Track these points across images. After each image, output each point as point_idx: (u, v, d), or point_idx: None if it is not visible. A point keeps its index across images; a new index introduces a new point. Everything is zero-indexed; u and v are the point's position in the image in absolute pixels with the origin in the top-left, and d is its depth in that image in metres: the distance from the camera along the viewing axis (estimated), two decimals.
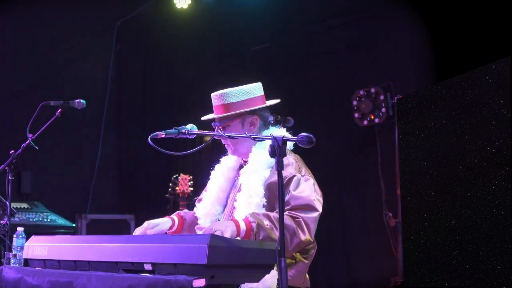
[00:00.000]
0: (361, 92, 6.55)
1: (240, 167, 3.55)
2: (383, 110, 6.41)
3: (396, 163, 6.04)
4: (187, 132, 3.14)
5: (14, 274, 3.09)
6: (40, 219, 6.22)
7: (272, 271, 2.85)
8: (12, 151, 3.97)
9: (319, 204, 3.27)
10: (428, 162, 3.40)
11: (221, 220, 3.49)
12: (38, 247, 3.14)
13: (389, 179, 6.35)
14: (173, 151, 3.35)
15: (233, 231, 3.05)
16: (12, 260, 3.33)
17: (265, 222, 3.10)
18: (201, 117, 3.58)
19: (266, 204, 3.26)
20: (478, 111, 3.10)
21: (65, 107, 4.10)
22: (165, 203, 6.23)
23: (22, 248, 3.27)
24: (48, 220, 6.28)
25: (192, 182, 5.72)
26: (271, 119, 3.51)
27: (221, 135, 3.30)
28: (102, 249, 2.87)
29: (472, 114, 3.13)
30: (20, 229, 3.40)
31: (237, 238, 3.06)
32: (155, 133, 3.09)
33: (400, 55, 6.33)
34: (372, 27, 6.61)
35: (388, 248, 6.30)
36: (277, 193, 3.18)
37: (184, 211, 3.75)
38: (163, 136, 3.11)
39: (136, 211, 7.34)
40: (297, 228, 3.14)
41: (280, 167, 2.70)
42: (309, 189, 3.26)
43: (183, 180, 5.70)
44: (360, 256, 6.66)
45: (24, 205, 6.43)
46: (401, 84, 6.33)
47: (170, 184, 5.88)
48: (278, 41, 7.29)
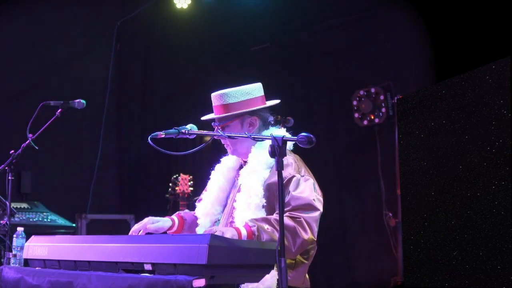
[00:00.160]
0: (361, 92, 6.55)
1: (240, 167, 3.55)
2: (383, 110, 6.41)
3: (396, 163, 6.03)
4: (187, 132, 3.14)
5: (14, 274, 3.09)
6: (40, 219, 6.22)
7: (272, 271, 2.85)
8: (12, 151, 3.96)
9: (319, 203, 3.27)
10: (428, 162, 3.40)
11: (220, 220, 3.49)
12: (38, 247, 3.14)
13: (389, 179, 6.35)
14: (173, 151, 3.36)
15: (234, 235, 3.05)
16: (12, 260, 3.33)
17: (265, 226, 3.10)
18: (201, 117, 3.59)
19: (265, 204, 3.26)
20: (478, 111, 3.10)
21: (65, 107, 4.10)
22: (165, 203, 6.23)
23: (22, 248, 3.27)
24: (48, 220, 6.28)
25: (192, 182, 5.72)
26: (271, 119, 3.51)
27: (221, 135, 3.30)
28: (102, 249, 2.87)
29: (472, 114, 3.13)
30: (20, 229, 3.40)
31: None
32: (155, 133, 3.09)
33: (400, 55, 6.32)
34: (372, 27, 6.60)
35: (388, 248, 6.30)
36: (276, 194, 3.19)
37: (185, 211, 3.75)
38: (163, 136, 3.11)
39: (136, 211, 7.33)
40: (298, 228, 3.13)
41: (280, 167, 2.70)
42: (309, 189, 3.26)
43: (183, 180, 5.70)
44: (360, 256, 6.65)
45: (24, 205, 6.43)
46: (401, 84, 6.32)
47: (170, 184, 5.88)
48: (278, 41, 7.28)
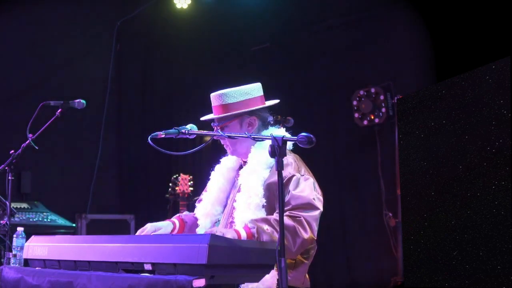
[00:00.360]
0: (361, 92, 6.55)
1: (240, 167, 3.55)
2: (383, 110, 6.41)
3: (396, 163, 6.03)
4: (187, 132, 3.14)
5: (14, 274, 3.09)
6: (40, 219, 6.22)
7: (272, 271, 2.85)
8: (12, 151, 3.96)
9: (319, 202, 3.27)
10: (428, 162, 3.40)
11: (220, 221, 3.50)
12: (38, 247, 3.14)
13: (389, 179, 6.35)
14: (173, 151, 3.36)
15: (234, 236, 3.05)
16: (12, 260, 3.33)
17: (265, 227, 3.10)
18: (201, 117, 3.59)
19: (265, 204, 3.26)
20: (478, 111, 3.10)
21: (65, 107, 4.10)
22: (165, 203, 6.23)
23: (22, 248, 3.27)
24: (48, 220, 6.28)
25: (192, 182, 5.72)
26: (270, 119, 3.51)
27: (221, 135, 3.30)
28: (102, 249, 2.87)
29: (472, 114, 3.13)
30: (20, 229, 3.40)
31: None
32: (155, 133, 3.09)
33: (400, 55, 6.32)
34: (372, 27, 6.60)
35: (388, 248, 6.30)
36: (276, 193, 3.19)
37: (185, 213, 3.75)
38: (163, 136, 3.11)
39: (136, 211, 7.34)
40: (298, 227, 3.13)
41: (280, 167, 2.70)
42: (309, 188, 3.26)
43: (183, 180, 5.70)
44: (360, 256, 6.65)
45: (24, 205, 6.43)
46: (401, 84, 6.32)
47: (170, 184, 5.88)
48: (278, 41, 7.28)
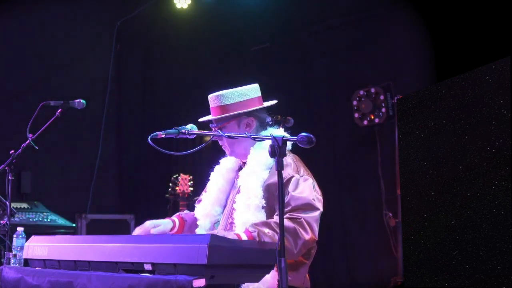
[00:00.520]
0: (361, 92, 6.54)
1: (239, 168, 3.55)
2: (383, 110, 6.40)
3: (396, 163, 6.03)
4: (187, 132, 3.14)
5: (14, 274, 3.09)
6: (40, 219, 6.22)
7: (272, 271, 2.85)
8: (12, 151, 3.96)
9: (319, 203, 3.27)
10: (428, 162, 3.40)
11: (220, 221, 3.50)
12: (38, 247, 3.14)
13: (389, 179, 6.35)
14: (173, 151, 3.36)
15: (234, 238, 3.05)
16: (12, 260, 3.33)
17: (266, 230, 3.10)
18: (200, 118, 3.59)
19: (265, 205, 3.26)
20: (478, 111, 3.10)
21: (65, 107, 4.10)
22: (165, 203, 6.23)
23: (22, 248, 3.27)
24: (48, 220, 6.28)
25: (192, 182, 5.72)
26: (268, 120, 3.51)
27: (222, 134, 3.30)
28: (102, 249, 2.87)
29: (472, 114, 3.13)
30: (20, 229, 3.40)
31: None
32: (155, 133, 3.09)
33: (400, 55, 6.32)
34: (372, 27, 6.60)
35: (388, 248, 6.30)
36: (276, 194, 3.20)
37: (185, 212, 3.75)
38: (163, 136, 3.11)
39: (136, 211, 7.34)
40: (299, 229, 3.13)
41: (280, 167, 2.70)
42: (308, 189, 3.26)
43: (183, 180, 5.70)
44: (360, 256, 6.65)
45: (24, 205, 6.43)
46: (401, 84, 6.32)
47: (170, 184, 5.88)
48: (278, 41, 7.28)
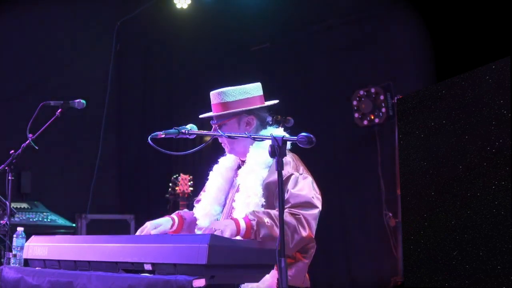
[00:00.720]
0: (361, 92, 6.54)
1: (238, 167, 3.54)
2: (383, 110, 6.40)
3: (396, 163, 6.03)
4: (187, 132, 3.15)
5: (14, 274, 3.09)
6: (40, 219, 6.22)
7: (272, 271, 2.85)
8: (12, 151, 3.97)
9: (318, 201, 3.28)
10: (428, 162, 3.39)
11: (219, 220, 3.49)
12: (38, 247, 3.14)
13: (389, 179, 6.35)
14: (173, 151, 3.36)
15: (233, 230, 3.05)
16: (12, 260, 3.33)
17: (266, 220, 3.10)
18: (199, 116, 3.59)
19: (265, 204, 3.26)
20: (478, 111, 3.10)
21: (65, 107, 4.10)
22: (165, 203, 6.23)
23: (22, 248, 3.27)
24: (48, 220, 6.28)
25: (192, 182, 5.71)
26: (269, 119, 3.51)
27: (222, 134, 3.30)
28: (102, 249, 2.87)
29: (472, 114, 3.13)
30: (20, 229, 3.40)
31: (238, 237, 3.06)
32: (155, 133, 3.09)
33: (400, 55, 6.32)
34: (372, 27, 6.60)
35: (388, 248, 6.30)
36: (276, 192, 3.21)
37: (184, 210, 3.76)
38: (163, 136, 3.11)
39: (136, 211, 7.34)
40: (297, 225, 3.14)
41: (280, 167, 2.70)
42: (307, 187, 3.27)
43: (183, 180, 5.69)
44: (360, 256, 6.65)
45: (24, 205, 6.43)
46: (401, 84, 6.32)
47: (170, 184, 5.87)
48: (278, 41, 7.28)
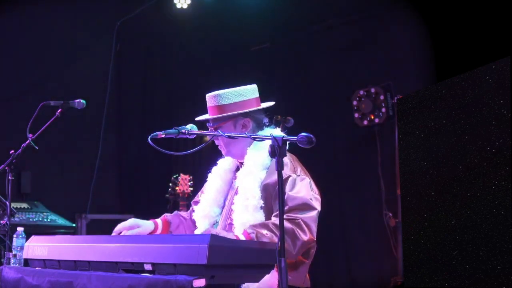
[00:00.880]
0: (361, 92, 6.55)
1: (237, 169, 3.54)
2: (383, 110, 6.41)
3: (396, 163, 6.03)
4: (187, 132, 3.15)
5: (14, 274, 3.09)
6: (40, 219, 6.22)
7: (272, 271, 2.85)
8: (12, 151, 3.96)
9: (316, 202, 3.27)
10: (428, 162, 3.39)
11: (219, 222, 3.49)
12: (38, 247, 3.14)
13: (389, 179, 6.35)
14: (173, 151, 3.36)
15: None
16: (12, 260, 3.33)
17: (264, 232, 3.09)
18: (196, 118, 3.59)
19: (263, 205, 3.26)
20: (478, 111, 3.10)
21: (65, 107, 4.10)
22: (165, 203, 6.23)
23: (22, 248, 3.27)
24: (48, 220, 6.28)
25: (192, 182, 5.71)
26: (265, 121, 3.51)
27: (222, 134, 3.30)
28: (102, 249, 2.87)
29: (472, 114, 3.13)
30: (20, 229, 3.40)
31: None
32: (155, 133, 3.09)
33: (400, 55, 6.33)
34: (372, 27, 6.60)
35: (388, 248, 6.30)
36: (273, 194, 3.21)
37: (174, 213, 3.72)
38: (163, 136, 3.11)
39: (136, 211, 7.32)
40: (297, 230, 3.13)
41: (280, 167, 2.70)
42: (305, 189, 3.26)
43: (183, 180, 5.69)
44: (360, 256, 6.66)
45: (24, 205, 6.43)
46: (401, 84, 6.32)
47: (170, 184, 5.87)
48: (278, 41, 7.29)
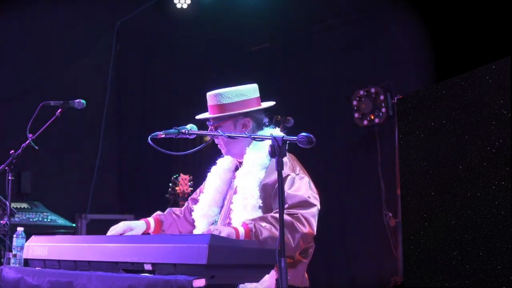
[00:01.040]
0: (361, 92, 6.55)
1: (236, 168, 3.54)
2: (383, 110, 6.41)
3: (396, 163, 6.03)
4: (187, 132, 3.15)
5: (14, 274, 3.09)
6: (40, 219, 6.22)
7: (271, 271, 2.85)
8: (12, 151, 3.96)
9: (315, 200, 3.27)
10: (428, 162, 3.39)
11: (218, 222, 3.50)
12: (38, 247, 3.14)
13: (389, 179, 6.35)
14: (173, 151, 3.36)
15: (231, 233, 3.04)
16: (12, 260, 3.33)
17: (263, 224, 3.10)
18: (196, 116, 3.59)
19: (262, 205, 3.26)
20: (478, 111, 3.10)
21: (65, 107, 4.10)
22: (165, 203, 6.23)
23: (22, 248, 3.27)
24: (48, 220, 6.28)
25: (192, 182, 5.71)
26: (265, 120, 3.51)
27: (222, 134, 3.30)
28: (102, 249, 2.87)
29: (472, 114, 3.13)
30: (20, 229, 3.40)
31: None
32: (155, 133, 3.10)
33: (400, 55, 6.33)
34: (372, 27, 6.61)
35: (388, 248, 6.30)
36: (272, 194, 3.22)
37: (167, 211, 3.72)
38: (163, 136, 3.11)
39: (136, 211, 7.32)
40: (296, 223, 3.13)
41: (280, 166, 2.71)
42: (304, 187, 3.26)
43: (183, 180, 5.69)
44: (360, 256, 6.66)
45: (24, 205, 6.43)
46: (401, 84, 6.33)
47: (170, 184, 5.87)
48: (278, 41, 7.29)
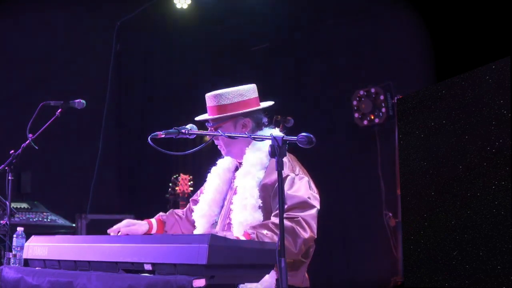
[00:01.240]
0: (361, 92, 6.55)
1: (236, 168, 3.55)
2: (383, 110, 6.41)
3: (396, 163, 6.03)
4: (187, 132, 3.15)
5: (14, 274, 3.09)
6: (40, 219, 6.22)
7: (271, 271, 2.85)
8: (12, 151, 3.97)
9: (315, 200, 3.27)
10: (428, 162, 3.40)
11: (218, 222, 3.50)
12: (38, 247, 3.14)
13: (389, 179, 6.35)
14: (173, 151, 3.36)
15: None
16: (12, 260, 3.32)
17: (264, 232, 3.10)
18: (195, 117, 3.59)
19: (261, 205, 3.26)
20: (478, 111, 3.10)
21: (65, 107, 4.11)
22: (165, 203, 6.23)
23: (22, 248, 3.27)
24: (48, 220, 6.28)
25: (192, 182, 5.71)
26: (265, 120, 3.51)
27: (222, 134, 3.30)
28: (102, 249, 2.87)
29: (472, 114, 3.13)
30: (20, 229, 3.40)
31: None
32: (155, 133, 3.09)
33: (400, 55, 6.33)
34: (372, 27, 6.60)
35: (388, 248, 6.30)
36: (272, 193, 3.22)
37: (170, 212, 3.74)
38: (163, 136, 3.11)
39: (136, 211, 7.32)
40: (297, 228, 3.13)
41: (280, 166, 2.70)
42: (304, 187, 3.26)
43: (183, 180, 5.69)
44: (360, 256, 6.66)
45: (24, 205, 6.42)
46: (401, 84, 6.33)
47: (170, 184, 5.87)
48: (278, 41, 7.29)
